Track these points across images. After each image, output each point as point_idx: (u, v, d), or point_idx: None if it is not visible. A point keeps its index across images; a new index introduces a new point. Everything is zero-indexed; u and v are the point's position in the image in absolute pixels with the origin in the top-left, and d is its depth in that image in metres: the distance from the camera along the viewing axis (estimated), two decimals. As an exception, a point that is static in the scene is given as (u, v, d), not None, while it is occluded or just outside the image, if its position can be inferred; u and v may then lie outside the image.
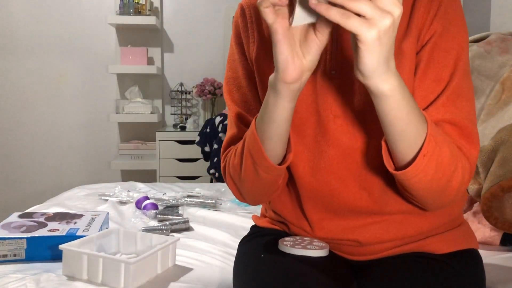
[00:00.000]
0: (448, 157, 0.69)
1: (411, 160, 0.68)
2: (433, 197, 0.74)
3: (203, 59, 3.43)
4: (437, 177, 0.69)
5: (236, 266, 0.90)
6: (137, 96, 3.27)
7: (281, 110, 0.70)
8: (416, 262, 0.79)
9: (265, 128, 0.74)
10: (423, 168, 0.67)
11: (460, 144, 0.74)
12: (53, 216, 1.30)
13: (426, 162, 0.67)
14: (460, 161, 0.72)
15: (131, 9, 3.14)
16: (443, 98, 0.74)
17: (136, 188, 1.99)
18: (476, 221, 1.33)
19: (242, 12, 0.91)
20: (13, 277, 1.02)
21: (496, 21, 2.10)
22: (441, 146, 0.68)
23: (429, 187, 0.71)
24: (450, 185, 0.72)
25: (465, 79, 0.76)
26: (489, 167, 1.25)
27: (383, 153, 0.70)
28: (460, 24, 0.76)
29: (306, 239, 0.82)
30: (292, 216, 0.88)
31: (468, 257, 0.83)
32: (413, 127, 0.66)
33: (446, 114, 0.74)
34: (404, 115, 0.64)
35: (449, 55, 0.75)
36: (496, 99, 1.31)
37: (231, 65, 0.92)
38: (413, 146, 0.67)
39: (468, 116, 0.75)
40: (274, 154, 0.76)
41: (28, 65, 3.33)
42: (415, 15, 0.76)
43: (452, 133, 0.74)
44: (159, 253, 1.05)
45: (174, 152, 3.12)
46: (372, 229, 0.81)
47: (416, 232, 0.81)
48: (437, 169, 0.69)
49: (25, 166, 3.38)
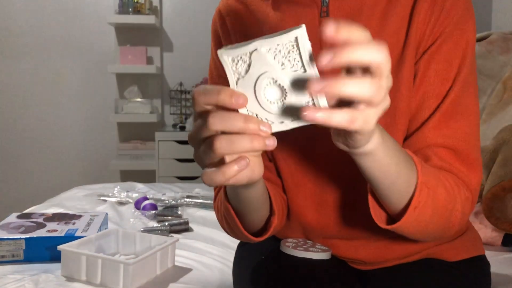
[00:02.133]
0: (445, 198, 0.63)
1: (402, 210, 0.61)
2: (433, 237, 0.70)
3: (202, 58, 3.41)
4: (434, 220, 0.63)
5: (236, 267, 0.89)
6: (136, 96, 3.26)
7: (251, 195, 0.64)
8: (423, 268, 0.77)
9: (239, 207, 0.67)
10: (416, 218, 0.61)
11: (457, 170, 0.67)
12: (51, 216, 1.29)
13: (419, 212, 0.60)
14: (458, 196, 0.65)
15: (130, 8, 3.13)
16: (435, 119, 0.68)
17: (135, 188, 1.98)
18: (477, 222, 1.32)
19: (221, 21, 0.82)
20: (11, 278, 1.01)
21: (497, 21, 2.09)
22: (435, 189, 0.61)
23: (426, 231, 0.65)
24: (450, 222, 0.66)
25: (464, 92, 0.68)
26: (490, 167, 1.24)
27: (371, 209, 0.63)
28: (465, 26, 0.69)
29: (309, 241, 0.81)
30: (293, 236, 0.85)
31: (476, 264, 0.81)
32: (403, 178, 0.58)
33: (439, 137, 0.67)
34: (392, 168, 0.56)
35: (450, 67, 0.68)
36: (498, 98, 1.31)
37: (215, 81, 0.84)
38: (405, 196, 0.60)
39: (464, 137, 0.67)
40: (254, 222, 0.71)
41: (26, 64, 3.32)
42: (414, 22, 0.69)
43: (447, 158, 0.67)
44: (158, 254, 1.05)
45: (174, 152, 3.11)
46: (375, 248, 0.78)
47: (422, 247, 0.78)
48: (433, 214, 0.62)
49: (23, 166, 3.37)
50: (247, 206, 0.67)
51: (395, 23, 0.70)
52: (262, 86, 0.46)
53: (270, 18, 0.76)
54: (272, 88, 0.46)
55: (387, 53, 0.42)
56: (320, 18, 0.72)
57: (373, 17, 0.70)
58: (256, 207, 0.68)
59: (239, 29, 0.80)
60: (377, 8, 0.71)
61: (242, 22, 0.79)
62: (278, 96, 0.47)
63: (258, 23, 0.77)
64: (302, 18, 0.73)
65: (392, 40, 0.70)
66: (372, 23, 0.70)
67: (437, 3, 0.68)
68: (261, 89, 0.46)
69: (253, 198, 0.65)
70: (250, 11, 0.79)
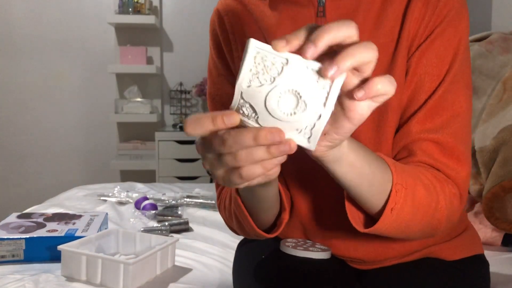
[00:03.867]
0: (425, 196, 0.62)
1: (380, 212, 0.61)
2: (419, 235, 0.69)
3: (202, 58, 3.41)
4: (416, 219, 0.63)
5: (236, 267, 0.89)
6: (136, 96, 3.26)
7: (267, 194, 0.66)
8: (423, 267, 0.77)
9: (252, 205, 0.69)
10: (395, 219, 0.61)
11: (443, 165, 0.67)
12: (52, 216, 1.30)
13: (397, 213, 0.60)
14: (441, 192, 0.64)
15: (130, 8, 3.13)
16: (420, 114, 0.68)
17: (135, 188, 1.98)
18: (477, 222, 1.32)
19: (220, 20, 0.82)
20: (11, 278, 1.01)
21: (497, 21, 2.09)
22: (414, 188, 0.61)
23: (408, 230, 0.65)
24: (435, 220, 0.65)
25: (453, 89, 0.68)
26: (490, 167, 1.24)
27: (348, 214, 0.64)
28: (459, 24, 0.69)
29: (309, 241, 0.81)
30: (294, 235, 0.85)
31: (475, 263, 0.81)
32: (378, 178, 0.59)
33: (423, 132, 0.68)
34: (366, 169, 0.57)
35: (441, 62, 0.69)
36: (498, 98, 1.31)
37: (215, 80, 0.84)
38: (383, 198, 0.60)
39: (451, 132, 0.67)
40: (266, 220, 0.73)
41: (26, 64, 3.32)
42: (407, 20, 0.69)
43: (432, 152, 0.67)
44: (159, 253, 1.05)
45: (174, 152, 3.11)
46: (375, 247, 0.78)
47: (421, 244, 0.79)
48: (414, 213, 0.62)
49: (23, 166, 3.37)
50: (261, 204, 0.68)
51: (389, 22, 0.71)
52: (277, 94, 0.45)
53: (268, 17, 0.77)
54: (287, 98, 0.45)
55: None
56: (317, 18, 0.73)
57: (368, 16, 0.71)
58: (269, 205, 0.69)
59: (238, 28, 0.80)
60: (373, 8, 0.71)
61: (240, 22, 0.80)
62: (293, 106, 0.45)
63: (256, 22, 0.78)
64: (298, 18, 0.74)
65: (386, 39, 0.70)
66: (368, 22, 0.71)
67: (431, 1, 0.69)
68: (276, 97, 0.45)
69: (268, 197, 0.67)
70: (248, 10, 0.79)
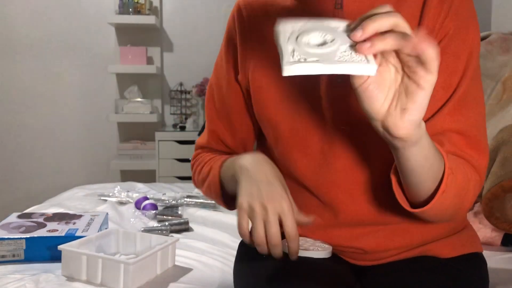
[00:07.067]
0: (463, 183, 0.68)
1: (430, 196, 0.66)
2: (448, 217, 0.75)
3: (202, 58, 3.41)
4: (453, 203, 0.69)
5: (237, 266, 0.89)
6: (136, 96, 3.26)
7: None
8: (421, 265, 0.78)
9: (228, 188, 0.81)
10: (442, 201, 0.66)
11: (468, 155, 0.72)
12: (52, 216, 1.29)
13: (445, 196, 0.66)
14: (471, 181, 0.70)
15: (130, 8, 3.13)
16: (449, 106, 0.72)
17: (136, 188, 1.98)
18: (477, 222, 1.32)
19: (239, 13, 0.86)
20: (12, 278, 1.01)
21: (497, 21, 2.09)
22: (457, 174, 0.67)
23: (444, 214, 0.71)
24: (463, 206, 0.72)
25: (473, 85, 0.73)
26: (490, 167, 1.24)
27: (395, 192, 0.68)
28: (471, 25, 0.73)
29: (309, 240, 0.82)
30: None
31: (473, 261, 0.82)
32: (437, 161, 0.64)
33: (452, 123, 0.72)
34: (432, 151, 0.62)
35: (458, 60, 0.72)
36: (497, 99, 1.31)
37: (218, 71, 0.90)
38: (436, 181, 0.65)
39: (475, 124, 0.73)
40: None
41: (26, 64, 3.32)
42: (425, 17, 0.73)
43: (459, 143, 0.72)
44: (159, 253, 1.05)
45: (174, 152, 3.11)
46: (377, 237, 0.79)
47: (421, 238, 0.80)
48: (454, 197, 0.68)
49: (24, 166, 3.38)
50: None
51: (407, 16, 0.71)
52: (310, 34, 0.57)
53: (288, 7, 0.80)
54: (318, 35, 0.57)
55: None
56: (335, 10, 0.75)
57: None
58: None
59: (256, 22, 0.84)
60: (390, 1, 0.71)
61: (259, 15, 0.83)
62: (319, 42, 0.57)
63: (276, 12, 0.81)
64: (317, 9, 0.77)
65: None
66: None
67: (446, 0, 0.72)
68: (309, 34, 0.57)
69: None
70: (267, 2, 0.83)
